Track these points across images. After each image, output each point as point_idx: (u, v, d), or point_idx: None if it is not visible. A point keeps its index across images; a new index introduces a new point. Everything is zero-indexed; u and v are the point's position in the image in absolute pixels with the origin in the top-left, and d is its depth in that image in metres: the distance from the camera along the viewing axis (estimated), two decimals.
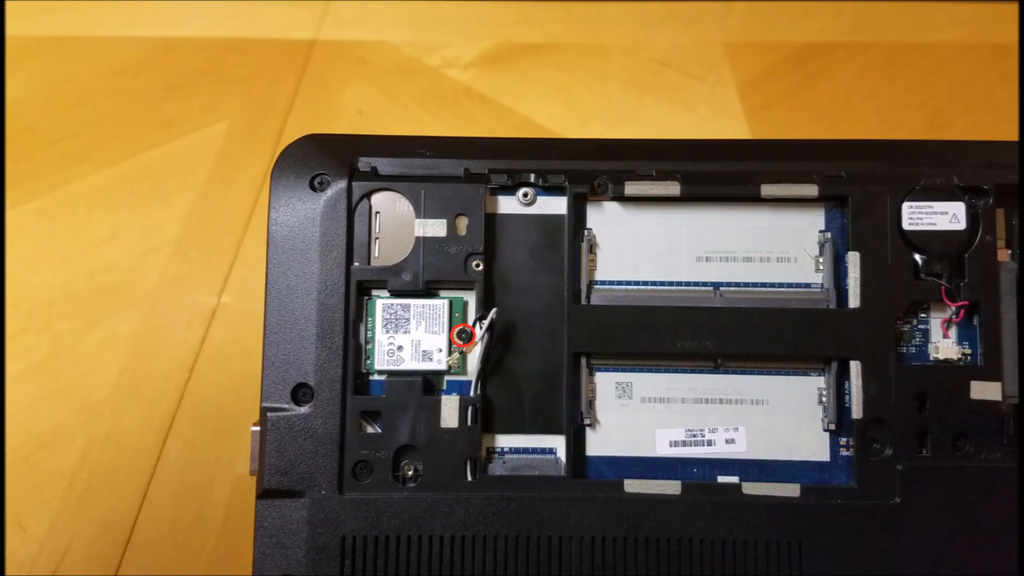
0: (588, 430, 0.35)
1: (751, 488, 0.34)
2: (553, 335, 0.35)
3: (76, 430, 0.50)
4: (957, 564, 0.33)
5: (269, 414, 0.34)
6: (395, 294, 0.35)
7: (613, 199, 0.36)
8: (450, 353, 0.35)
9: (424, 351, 0.35)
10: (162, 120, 0.65)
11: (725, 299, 0.35)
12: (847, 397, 0.35)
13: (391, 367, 0.35)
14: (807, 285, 0.36)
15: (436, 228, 0.35)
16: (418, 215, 0.35)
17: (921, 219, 0.35)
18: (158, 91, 0.67)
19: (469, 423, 0.34)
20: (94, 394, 0.52)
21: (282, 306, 0.35)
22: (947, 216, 0.35)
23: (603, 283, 0.36)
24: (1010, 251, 0.35)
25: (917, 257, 0.35)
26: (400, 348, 0.35)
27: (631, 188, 0.35)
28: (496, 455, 0.35)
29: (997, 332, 0.34)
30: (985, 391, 0.34)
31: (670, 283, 0.36)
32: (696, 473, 0.35)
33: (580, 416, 0.35)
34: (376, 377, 0.35)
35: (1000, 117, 0.68)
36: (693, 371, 0.35)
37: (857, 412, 0.34)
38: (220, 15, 0.71)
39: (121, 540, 0.47)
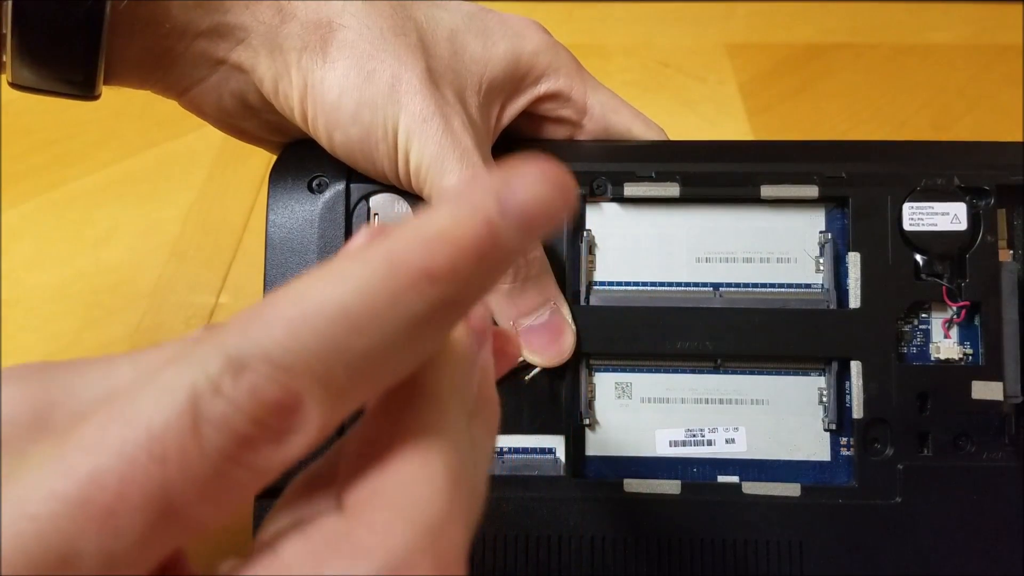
0: (587, 430, 0.35)
1: (751, 488, 0.34)
2: None
3: None
4: (958, 564, 0.33)
5: None
6: None
7: (612, 200, 0.36)
8: None
9: None
10: (160, 120, 0.65)
11: (725, 300, 0.35)
12: (848, 397, 0.34)
13: None
14: (807, 286, 0.36)
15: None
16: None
17: (922, 220, 0.35)
18: None
19: None
20: None
21: None
22: (948, 217, 0.35)
23: (602, 284, 0.36)
24: (1012, 251, 0.35)
25: (918, 257, 0.35)
26: None
27: (630, 190, 0.35)
28: (495, 455, 0.35)
29: (998, 332, 0.34)
30: (986, 391, 0.34)
31: (670, 284, 0.36)
32: (696, 473, 0.35)
33: (580, 416, 0.35)
34: None
35: (1003, 118, 0.68)
36: (693, 371, 0.35)
37: (858, 412, 0.34)
38: None
39: None
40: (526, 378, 0.34)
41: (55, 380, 0.17)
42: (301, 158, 0.36)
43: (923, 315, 0.35)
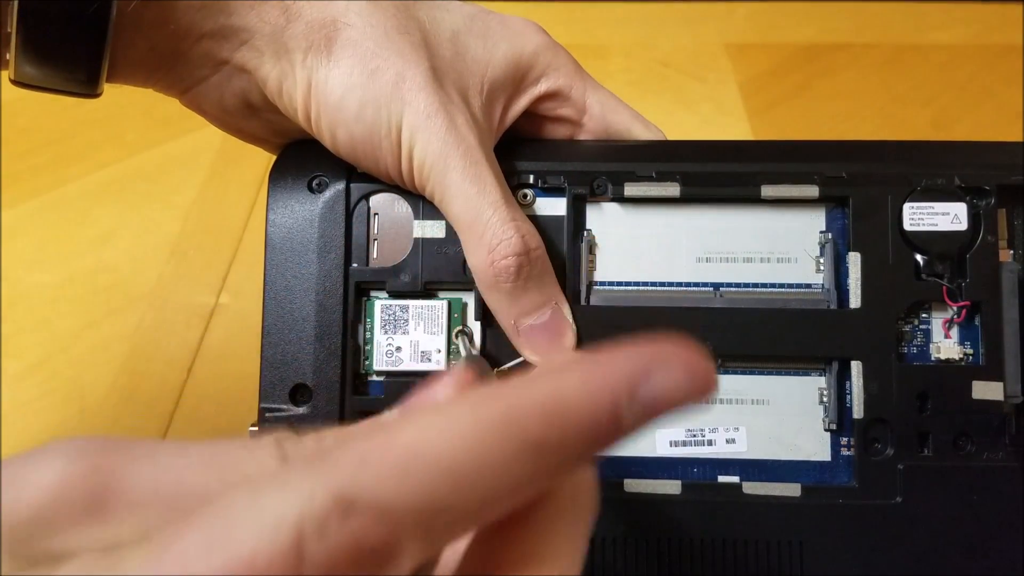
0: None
1: (752, 488, 0.34)
2: None
3: (74, 430, 0.50)
4: (959, 564, 0.33)
5: (267, 415, 0.34)
6: (393, 295, 0.35)
7: (613, 200, 0.36)
8: (449, 354, 0.35)
9: (423, 352, 0.35)
10: (160, 119, 0.65)
11: (725, 300, 0.35)
12: (848, 397, 0.34)
13: (390, 368, 0.35)
14: (808, 286, 0.36)
15: (435, 229, 0.35)
16: (416, 216, 0.35)
17: (922, 220, 0.35)
18: None
19: None
20: (92, 394, 0.52)
21: (280, 307, 0.35)
22: (948, 217, 0.35)
23: (603, 284, 0.36)
24: (1012, 251, 0.35)
25: (918, 257, 0.35)
26: (399, 349, 0.35)
27: (631, 189, 0.35)
28: None
29: (999, 332, 0.34)
30: (987, 391, 0.34)
31: (670, 284, 0.36)
32: (696, 473, 0.35)
33: None
34: (375, 378, 0.35)
35: (1003, 118, 0.68)
36: None
37: (858, 412, 0.34)
38: None
39: None
40: None
41: (110, 458, 0.17)
42: (301, 158, 0.36)
43: (923, 315, 0.35)
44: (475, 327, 0.35)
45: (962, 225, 0.35)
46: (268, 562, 0.14)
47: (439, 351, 0.35)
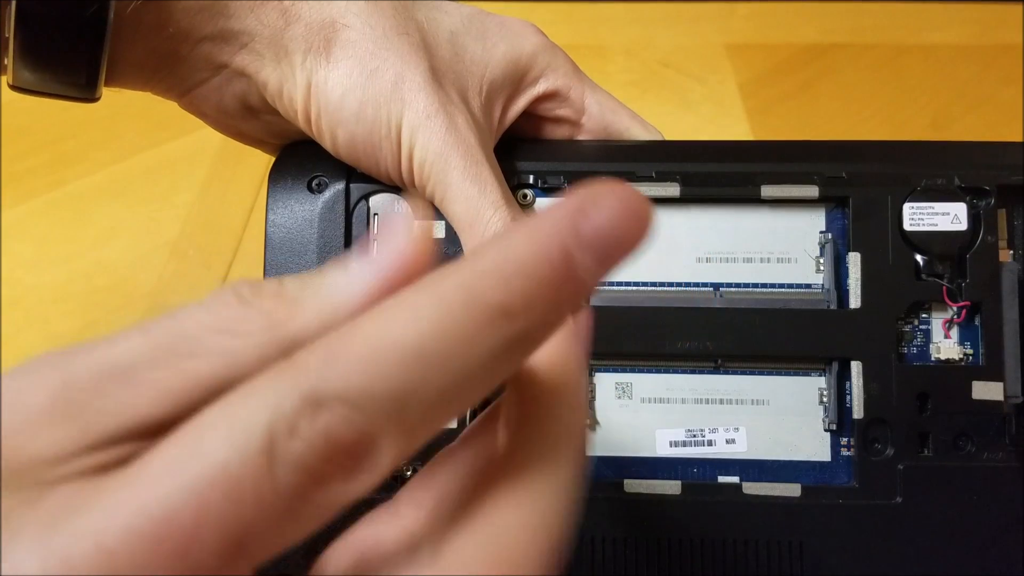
0: (588, 430, 0.35)
1: (751, 488, 0.34)
2: None
3: None
4: (959, 564, 0.33)
5: None
6: None
7: None
8: None
9: None
10: (160, 120, 0.65)
11: (725, 300, 0.35)
12: (848, 397, 0.34)
13: None
14: (808, 286, 0.36)
15: (434, 230, 0.35)
16: (416, 217, 0.35)
17: (922, 220, 0.35)
18: None
19: (468, 423, 0.34)
20: None
21: None
22: (948, 217, 0.35)
23: (603, 284, 0.36)
24: (1012, 251, 0.35)
25: (918, 258, 0.35)
26: None
27: None
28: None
29: (999, 332, 0.34)
30: (987, 391, 0.34)
31: (670, 284, 0.36)
32: (696, 473, 0.35)
33: None
34: None
35: (1003, 118, 0.68)
36: (693, 371, 0.35)
37: (858, 412, 0.34)
38: None
39: None
40: None
41: (65, 362, 0.16)
42: (301, 158, 0.36)
43: (923, 315, 0.35)
44: None
45: (962, 225, 0.35)
46: (240, 467, 0.14)
47: None
